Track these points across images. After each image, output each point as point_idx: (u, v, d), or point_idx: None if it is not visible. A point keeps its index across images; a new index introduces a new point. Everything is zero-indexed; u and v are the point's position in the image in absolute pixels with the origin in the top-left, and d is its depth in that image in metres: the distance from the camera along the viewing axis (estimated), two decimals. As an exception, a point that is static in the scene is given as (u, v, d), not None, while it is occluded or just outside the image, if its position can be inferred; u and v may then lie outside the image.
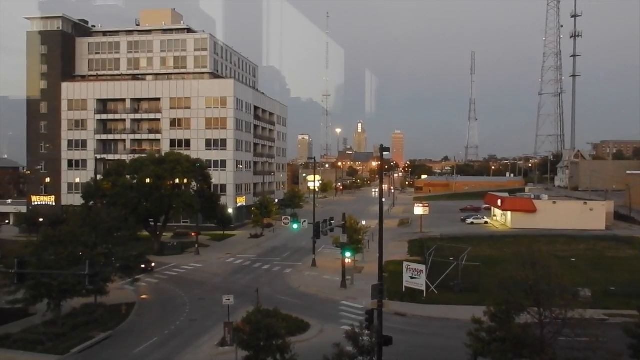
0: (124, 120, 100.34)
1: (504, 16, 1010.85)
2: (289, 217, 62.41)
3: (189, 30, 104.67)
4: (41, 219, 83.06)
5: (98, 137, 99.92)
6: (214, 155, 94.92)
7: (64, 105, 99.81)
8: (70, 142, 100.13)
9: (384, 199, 35.26)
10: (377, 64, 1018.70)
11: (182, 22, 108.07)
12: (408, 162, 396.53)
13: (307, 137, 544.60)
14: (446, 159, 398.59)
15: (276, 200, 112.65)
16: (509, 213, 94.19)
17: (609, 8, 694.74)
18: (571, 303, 27.01)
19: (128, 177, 71.83)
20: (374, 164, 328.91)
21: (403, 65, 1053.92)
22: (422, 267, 47.42)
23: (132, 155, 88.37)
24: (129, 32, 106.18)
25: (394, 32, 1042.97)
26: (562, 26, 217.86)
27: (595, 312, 32.08)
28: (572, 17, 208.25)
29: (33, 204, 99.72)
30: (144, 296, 49.86)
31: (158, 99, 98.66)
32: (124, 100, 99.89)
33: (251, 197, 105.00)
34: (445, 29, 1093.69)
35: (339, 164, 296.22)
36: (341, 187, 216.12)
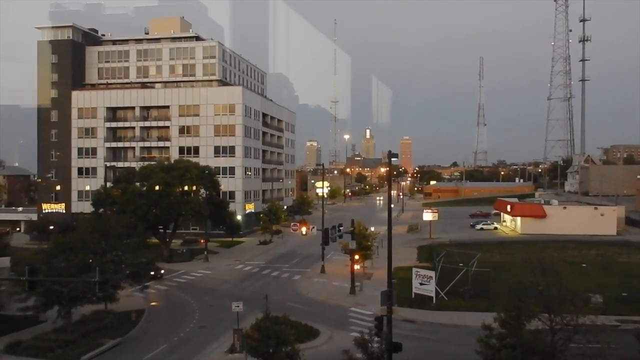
0: (134, 127, 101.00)
1: (512, 21, 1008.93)
2: (298, 224, 62.31)
3: (198, 38, 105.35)
4: (52, 227, 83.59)
5: (108, 144, 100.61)
6: (223, 162, 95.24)
7: (74, 113, 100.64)
8: (80, 149, 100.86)
9: (392, 205, 35.18)
10: (384, 70, 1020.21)
11: (190, 30, 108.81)
12: (417, 168, 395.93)
13: (315, 144, 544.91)
14: (455, 164, 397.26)
15: (285, 207, 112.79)
16: (518, 218, 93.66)
17: (617, 12, 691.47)
18: (582, 309, 26.81)
19: (137, 184, 72.21)
20: (383, 170, 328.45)
21: (411, 72, 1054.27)
22: (432, 273, 47.23)
23: (141, 163, 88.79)
24: (138, 41, 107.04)
25: (401, 38, 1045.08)
26: (570, 30, 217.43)
27: (606, 318, 31.75)
28: (580, 21, 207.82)
29: (44, 211, 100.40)
30: (153, 303, 50.00)
31: (167, 107, 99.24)
32: (133, 108, 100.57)
33: (260, 203, 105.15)
34: (453, 36, 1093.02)
35: (348, 170, 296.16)
36: (350, 194, 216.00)
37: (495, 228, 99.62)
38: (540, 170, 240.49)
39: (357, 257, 52.87)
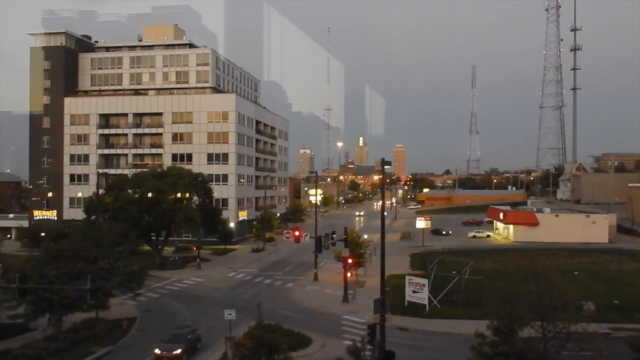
0: (126, 134, 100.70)
1: (504, 30, 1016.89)
2: (291, 231, 62.14)
3: (191, 46, 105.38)
4: (43, 234, 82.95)
5: (100, 151, 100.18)
6: (216, 169, 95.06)
7: (67, 120, 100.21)
8: (72, 156, 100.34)
9: (385, 213, 35.24)
10: (377, 78, 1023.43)
11: (184, 37, 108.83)
12: (410, 176, 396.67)
13: (308, 151, 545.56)
14: (448, 172, 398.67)
15: (278, 214, 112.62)
16: (511, 226, 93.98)
17: (608, 22, 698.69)
18: (574, 317, 26.91)
19: (130, 191, 71.86)
20: (376, 177, 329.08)
21: (404, 80, 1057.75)
22: (425, 281, 47.21)
23: (134, 170, 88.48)
24: (132, 48, 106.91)
25: (395, 47, 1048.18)
26: (562, 40, 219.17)
27: (599, 326, 31.83)
28: (571, 30, 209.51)
29: (35, 218, 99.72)
30: (145, 311, 49.63)
31: (160, 114, 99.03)
32: (126, 115, 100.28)
33: (253, 211, 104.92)
34: (446, 44, 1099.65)
35: (341, 177, 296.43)
36: (343, 201, 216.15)
37: (488, 236, 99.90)
38: (532, 178, 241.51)
39: (349, 261, 52.64)
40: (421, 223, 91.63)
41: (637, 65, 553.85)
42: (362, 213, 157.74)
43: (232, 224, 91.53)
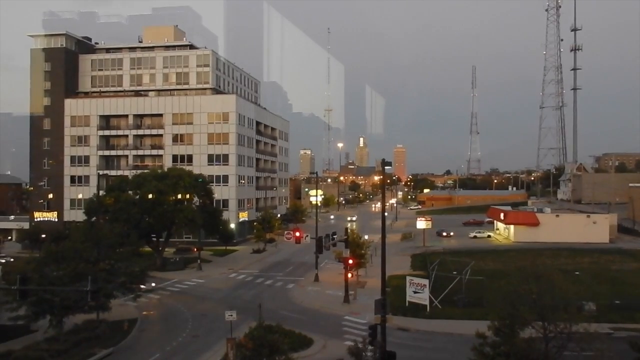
0: (127, 136, 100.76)
1: (505, 31, 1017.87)
2: (292, 232, 62.07)
3: (192, 47, 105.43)
4: (43, 235, 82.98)
5: (101, 153, 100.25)
6: (216, 170, 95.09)
7: (67, 121, 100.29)
8: (73, 158, 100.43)
9: (386, 213, 35.21)
10: (378, 79, 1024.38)
11: (184, 38, 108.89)
12: (410, 176, 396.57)
13: (309, 152, 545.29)
14: (448, 172, 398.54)
15: (278, 215, 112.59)
16: (511, 226, 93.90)
17: (609, 21, 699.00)
18: (576, 317, 26.88)
19: (130, 192, 71.96)
20: (376, 178, 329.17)
21: (404, 81, 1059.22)
22: (426, 282, 47.19)
23: (134, 171, 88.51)
24: (132, 49, 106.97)
25: (395, 47, 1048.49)
26: (562, 40, 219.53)
27: (600, 326, 31.81)
28: (572, 30, 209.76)
29: (35, 220, 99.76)
30: (146, 312, 49.67)
31: (160, 115, 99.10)
32: (126, 116, 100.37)
33: (253, 212, 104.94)
34: (446, 45, 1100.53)
35: (341, 178, 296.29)
36: (343, 202, 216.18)
37: (489, 236, 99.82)
38: (532, 178, 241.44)
39: (350, 262, 52.58)
40: (422, 223, 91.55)
41: (637, 65, 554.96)
42: (354, 218, 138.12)
43: (232, 225, 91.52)
